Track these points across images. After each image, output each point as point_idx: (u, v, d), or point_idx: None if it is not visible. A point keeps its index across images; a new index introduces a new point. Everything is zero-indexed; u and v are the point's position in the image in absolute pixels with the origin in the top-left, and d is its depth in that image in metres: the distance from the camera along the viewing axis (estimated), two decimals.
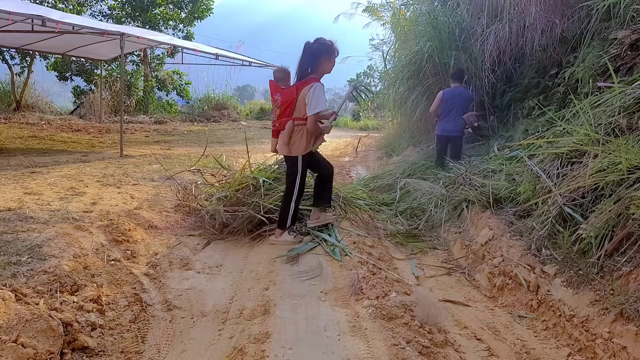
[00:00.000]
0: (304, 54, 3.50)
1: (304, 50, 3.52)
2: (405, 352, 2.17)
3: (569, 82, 4.81)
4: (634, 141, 3.02)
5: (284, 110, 3.59)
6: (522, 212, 3.82)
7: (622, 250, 2.66)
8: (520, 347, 2.57)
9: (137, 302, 2.82)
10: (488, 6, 5.97)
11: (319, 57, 3.50)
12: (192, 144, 10.20)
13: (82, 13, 14.87)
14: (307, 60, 3.51)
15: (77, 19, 8.69)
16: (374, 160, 9.45)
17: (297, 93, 3.49)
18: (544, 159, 3.95)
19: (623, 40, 4.10)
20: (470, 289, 3.43)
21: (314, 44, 3.49)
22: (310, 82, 3.44)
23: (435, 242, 4.43)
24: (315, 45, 3.49)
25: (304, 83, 3.48)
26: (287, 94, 3.60)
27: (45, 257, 2.91)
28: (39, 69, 14.79)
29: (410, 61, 7.28)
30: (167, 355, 2.36)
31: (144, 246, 3.72)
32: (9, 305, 2.20)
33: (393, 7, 9.84)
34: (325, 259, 3.48)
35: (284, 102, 3.61)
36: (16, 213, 3.74)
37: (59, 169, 5.93)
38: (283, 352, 2.20)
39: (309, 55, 3.49)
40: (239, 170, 4.69)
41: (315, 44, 3.49)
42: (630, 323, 2.27)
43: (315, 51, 3.48)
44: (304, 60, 3.52)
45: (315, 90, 3.39)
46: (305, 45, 3.52)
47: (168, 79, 17.30)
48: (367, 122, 21.04)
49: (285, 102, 3.59)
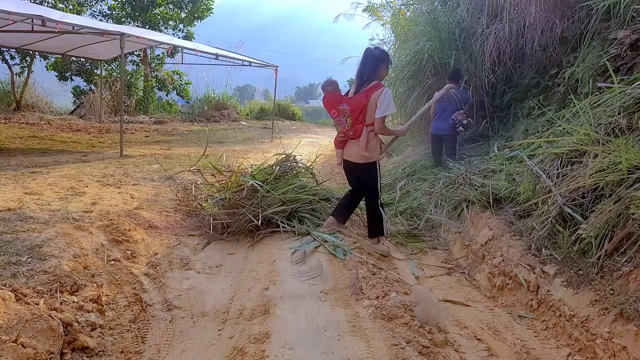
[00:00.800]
0: (366, 60, 3.56)
1: (365, 56, 3.57)
2: (405, 352, 2.17)
3: (569, 82, 4.81)
4: (634, 141, 3.02)
5: (357, 117, 3.59)
6: (522, 212, 3.82)
7: (622, 250, 2.66)
8: (520, 347, 2.57)
9: (137, 302, 2.82)
10: (488, 6, 5.97)
11: (380, 64, 3.57)
12: (192, 144, 10.20)
13: (82, 13, 14.86)
14: (369, 66, 3.56)
15: (77, 19, 8.68)
16: None
17: (367, 99, 3.50)
18: (544, 159, 3.95)
19: (623, 40, 4.10)
20: (470, 289, 3.43)
21: (376, 51, 3.60)
22: (380, 87, 3.51)
23: (435, 242, 4.43)
24: (377, 52, 3.60)
25: (373, 88, 3.52)
26: (356, 101, 3.59)
27: (45, 257, 2.91)
28: (39, 69, 14.79)
29: (410, 61, 7.29)
30: (167, 355, 2.36)
31: (144, 246, 3.72)
32: (9, 305, 2.20)
33: (393, 7, 9.85)
34: (325, 258, 3.48)
35: (354, 110, 3.60)
36: (16, 213, 3.74)
37: (59, 169, 5.93)
38: (283, 352, 2.20)
39: (371, 61, 3.55)
40: (233, 174, 4.69)
41: (376, 51, 3.60)
42: (630, 323, 2.27)
43: (376, 58, 3.56)
44: (366, 66, 3.56)
45: (386, 94, 3.47)
46: (367, 52, 3.58)
47: (168, 79, 17.29)
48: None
49: (356, 109, 3.58)
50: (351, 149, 3.76)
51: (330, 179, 6.49)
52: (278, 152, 5.34)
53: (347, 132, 3.69)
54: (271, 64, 12.31)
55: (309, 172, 5.16)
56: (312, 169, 5.19)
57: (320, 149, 10.46)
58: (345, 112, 3.65)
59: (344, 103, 3.67)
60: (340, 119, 3.69)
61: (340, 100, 3.70)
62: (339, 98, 3.73)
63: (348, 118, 3.64)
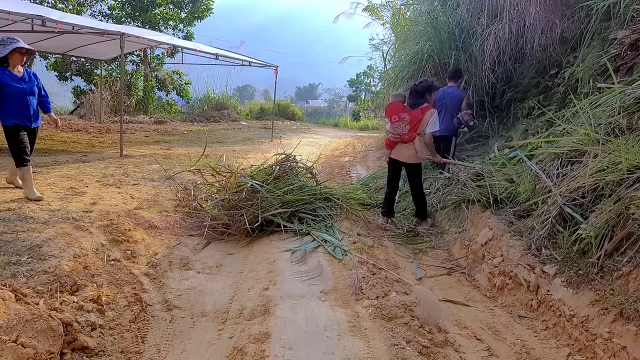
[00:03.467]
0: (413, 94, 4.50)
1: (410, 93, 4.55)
2: (405, 352, 2.17)
3: (569, 82, 4.81)
4: (634, 141, 3.02)
5: (414, 126, 4.45)
6: (522, 212, 3.82)
7: (622, 250, 2.66)
8: (520, 347, 2.57)
9: (137, 302, 2.82)
10: (488, 6, 5.97)
11: (425, 93, 4.47)
12: (192, 144, 10.20)
13: (82, 13, 14.85)
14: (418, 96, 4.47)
15: (77, 19, 8.67)
16: (374, 160, 9.45)
17: (423, 114, 4.41)
18: (543, 159, 3.95)
19: (623, 40, 4.10)
20: (470, 289, 3.43)
21: (419, 86, 4.47)
22: (431, 109, 4.44)
23: (435, 242, 4.43)
24: (419, 87, 4.47)
25: (428, 108, 4.43)
26: (415, 114, 4.45)
27: (45, 257, 2.91)
28: (39, 69, 14.76)
29: (410, 61, 7.29)
30: (167, 355, 2.36)
31: (144, 246, 3.72)
32: (9, 305, 2.20)
33: (393, 7, 9.84)
34: (325, 259, 3.48)
35: (413, 120, 4.43)
36: (16, 213, 3.74)
37: (59, 169, 5.93)
38: (283, 352, 2.20)
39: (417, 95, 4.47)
40: (232, 175, 4.69)
41: (419, 86, 4.47)
42: (630, 323, 2.27)
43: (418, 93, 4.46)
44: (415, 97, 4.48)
45: (435, 115, 4.41)
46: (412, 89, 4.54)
47: (168, 79, 17.27)
48: (367, 122, 21.03)
49: (414, 120, 4.43)
50: (402, 151, 4.57)
51: (330, 179, 6.49)
52: (278, 152, 5.34)
53: (404, 136, 4.49)
54: (271, 64, 12.30)
55: (308, 172, 5.16)
56: (312, 169, 5.18)
57: (321, 149, 10.48)
58: (405, 120, 4.46)
59: (405, 112, 4.47)
60: (399, 124, 4.49)
61: (402, 110, 4.50)
62: (402, 107, 4.52)
63: (407, 125, 4.46)
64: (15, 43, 4.15)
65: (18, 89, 4.22)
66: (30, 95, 4.34)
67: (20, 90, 4.24)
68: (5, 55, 4.12)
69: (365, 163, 9.48)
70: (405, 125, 4.48)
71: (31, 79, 4.39)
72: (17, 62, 4.24)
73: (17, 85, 4.22)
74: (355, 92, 27.83)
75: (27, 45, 4.27)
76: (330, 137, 15.39)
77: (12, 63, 4.22)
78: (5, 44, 4.13)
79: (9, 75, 4.20)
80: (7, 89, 4.16)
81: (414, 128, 4.45)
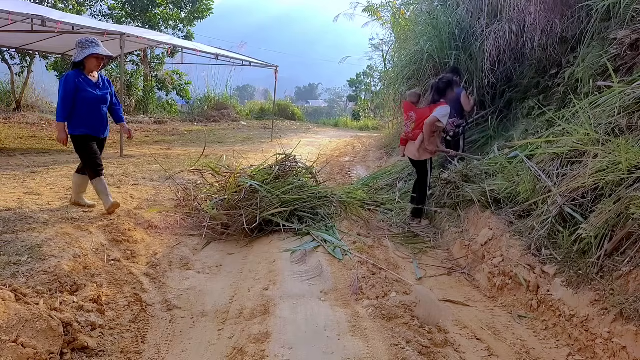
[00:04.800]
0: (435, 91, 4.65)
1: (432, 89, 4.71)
2: (405, 352, 2.17)
3: (569, 82, 4.81)
4: (634, 141, 3.02)
5: (418, 124, 4.63)
6: (522, 212, 3.82)
7: (622, 250, 2.66)
8: (520, 347, 2.57)
9: (137, 302, 2.82)
10: (488, 6, 5.96)
11: (447, 89, 4.66)
12: (192, 144, 10.20)
13: (82, 13, 14.84)
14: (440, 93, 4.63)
15: (77, 19, 8.68)
16: (374, 160, 9.45)
17: (430, 112, 4.52)
18: (544, 159, 3.95)
19: (623, 40, 4.10)
20: (470, 289, 3.43)
21: (440, 83, 4.64)
22: (442, 104, 4.58)
23: (435, 242, 4.43)
24: (440, 84, 4.64)
25: (438, 104, 4.56)
26: (422, 112, 4.66)
27: (45, 257, 2.91)
28: (38, 69, 14.75)
29: (410, 61, 7.28)
30: (167, 355, 2.36)
31: (144, 246, 3.72)
32: (9, 305, 2.20)
33: (393, 7, 9.84)
34: (325, 259, 3.48)
35: (418, 118, 4.63)
36: (16, 213, 3.74)
37: (59, 169, 5.93)
38: (283, 352, 2.20)
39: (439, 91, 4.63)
40: (231, 175, 4.69)
41: (440, 83, 4.64)
42: (630, 323, 2.27)
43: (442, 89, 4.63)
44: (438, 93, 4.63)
45: (444, 107, 4.53)
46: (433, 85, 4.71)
47: (168, 79, 17.28)
48: (367, 122, 21.04)
49: (420, 118, 4.61)
50: (410, 148, 4.89)
51: (330, 179, 6.49)
52: (278, 152, 5.34)
53: (408, 134, 4.82)
54: (271, 64, 12.31)
55: (308, 172, 5.16)
56: (311, 169, 5.18)
57: (321, 148, 10.48)
58: (412, 118, 4.74)
59: (413, 112, 4.75)
60: (407, 123, 4.82)
61: (411, 109, 4.80)
62: (411, 107, 4.83)
63: (412, 123, 4.73)
64: (94, 48, 3.85)
65: (92, 96, 3.91)
66: (103, 103, 4.04)
67: (93, 98, 3.92)
68: (81, 59, 3.83)
69: (365, 163, 9.48)
70: (411, 124, 4.73)
71: (105, 86, 4.09)
72: (93, 68, 3.95)
73: (91, 91, 3.91)
74: (355, 92, 27.85)
75: (106, 51, 3.99)
76: (330, 137, 15.39)
77: (88, 67, 3.92)
78: (84, 47, 3.83)
79: (85, 80, 3.89)
80: (81, 94, 3.84)
81: (419, 126, 4.63)
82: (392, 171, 6.90)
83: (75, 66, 3.92)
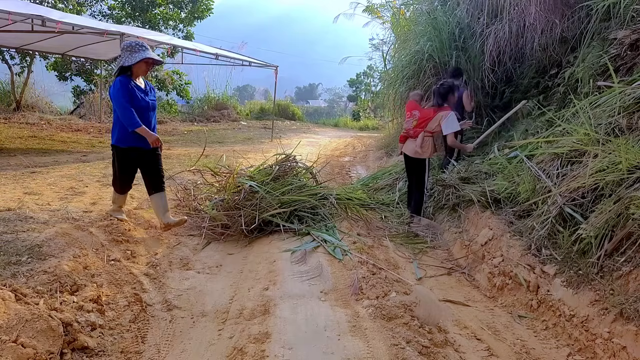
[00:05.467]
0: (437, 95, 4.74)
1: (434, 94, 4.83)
2: (405, 352, 2.17)
3: (569, 82, 4.81)
4: (634, 141, 3.02)
5: (420, 123, 4.72)
6: (522, 212, 3.82)
7: (622, 250, 2.66)
8: (520, 347, 2.57)
9: (137, 302, 2.82)
10: (488, 6, 5.96)
11: (447, 94, 4.73)
12: (192, 144, 10.20)
13: (82, 13, 14.84)
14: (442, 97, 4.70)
15: (77, 19, 8.68)
16: (374, 160, 9.45)
17: (434, 114, 4.66)
18: (544, 159, 3.95)
19: (623, 40, 4.10)
20: (470, 289, 3.43)
21: (441, 88, 4.70)
22: (446, 110, 4.64)
23: (435, 242, 4.43)
24: (441, 89, 4.71)
25: (443, 109, 4.65)
26: (426, 112, 4.75)
27: (45, 257, 2.91)
28: (38, 69, 14.75)
29: (410, 61, 7.28)
30: (167, 355, 2.36)
31: (144, 246, 3.72)
32: (9, 305, 2.20)
33: (393, 7, 9.84)
34: (325, 258, 3.48)
35: (421, 118, 4.72)
36: (16, 213, 3.73)
37: (59, 169, 5.93)
38: (283, 352, 2.20)
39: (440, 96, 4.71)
40: (231, 176, 4.69)
41: (441, 88, 4.71)
42: (630, 323, 2.27)
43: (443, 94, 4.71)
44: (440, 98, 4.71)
45: (449, 116, 4.58)
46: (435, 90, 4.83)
47: (168, 79, 17.27)
48: (367, 122, 21.04)
49: (423, 118, 4.71)
50: (408, 145, 4.86)
51: (330, 179, 6.49)
52: (278, 152, 5.34)
53: (409, 131, 4.84)
54: (271, 64, 12.30)
55: (308, 172, 5.16)
56: (311, 169, 5.18)
57: (320, 148, 10.48)
58: (415, 117, 4.81)
59: (417, 110, 4.82)
60: (409, 120, 4.86)
61: (415, 108, 4.87)
62: (415, 106, 4.90)
63: (414, 122, 4.79)
64: (145, 52, 3.54)
65: (143, 104, 3.59)
66: (152, 110, 3.71)
67: (144, 105, 3.59)
68: (131, 64, 3.50)
69: (365, 163, 9.48)
70: (413, 121, 4.79)
71: (152, 92, 3.78)
72: (141, 73, 3.65)
73: (143, 98, 3.60)
74: (355, 92, 27.83)
75: (156, 55, 3.68)
76: (330, 137, 15.39)
77: (135, 73, 3.59)
78: (133, 51, 3.51)
79: (136, 86, 3.58)
80: (134, 102, 3.50)
81: (421, 125, 4.70)
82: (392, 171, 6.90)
83: (122, 71, 3.55)
